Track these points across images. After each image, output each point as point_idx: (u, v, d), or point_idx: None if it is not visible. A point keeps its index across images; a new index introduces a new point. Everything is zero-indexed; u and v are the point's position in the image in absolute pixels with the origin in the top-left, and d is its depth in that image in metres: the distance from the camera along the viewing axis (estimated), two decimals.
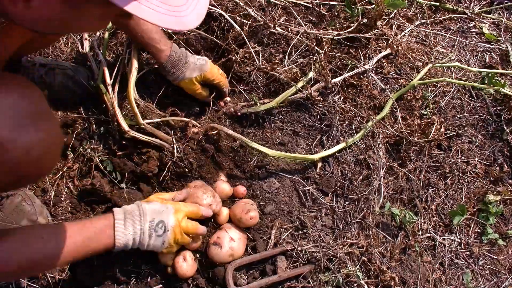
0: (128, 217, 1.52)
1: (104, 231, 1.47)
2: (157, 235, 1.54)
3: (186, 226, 1.60)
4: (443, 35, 2.43)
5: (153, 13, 0.99)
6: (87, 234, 1.43)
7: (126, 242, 1.50)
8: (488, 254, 1.93)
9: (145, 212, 1.54)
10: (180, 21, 1.04)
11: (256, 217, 1.77)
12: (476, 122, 2.17)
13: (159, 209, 1.57)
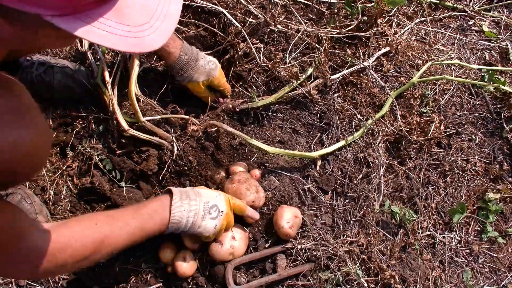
0: (184, 195, 1.53)
1: (157, 212, 1.48)
2: (211, 217, 1.56)
3: (232, 218, 1.65)
4: (443, 33, 2.43)
5: (108, 36, 0.91)
6: (141, 217, 1.43)
7: (180, 219, 1.50)
8: (488, 252, 1.93)
9: (200, 194, 1.57)
10: (141, 42, 0.95)
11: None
12: (476, 120, 2.17)
13: (213, 194, 1.61)
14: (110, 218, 1.38)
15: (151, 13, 0.98)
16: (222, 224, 1.60)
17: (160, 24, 0.99)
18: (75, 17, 0.88)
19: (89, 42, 2.11)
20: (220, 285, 1.71)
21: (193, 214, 1.53)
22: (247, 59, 2.11)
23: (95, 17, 0.90)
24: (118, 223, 1.38)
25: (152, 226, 1.46)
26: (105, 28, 0.91)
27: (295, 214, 1.79)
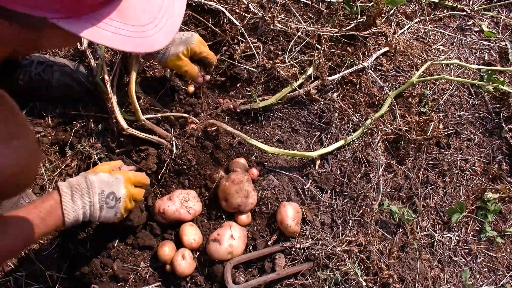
0: (75, 190, 1.44)
1: (50, 213, 1.39)
2: (109, 207, 1.49)
3: (133, 193, 1.57)
4: (442, 33, 2.43)
5: (113, 37, 0.92)
6: (34, 221, 1.35)
7: (76, 217, 1.43)
8: (487, 252, 1.93)
9: (93, 184, 1.46)
10: (145, 42, 0.96)
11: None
12: (475, 120, 2.17)
13: (108, 180, 1.51)
14: (4, 227, 1.31)
15: (155, 12, 0.98)
16: (121, 209, 1.52)
17: (165, 23, 0.99)
18: (81, 18, 0.88)
19: (88, 41, 2.11)
20: (219, 284, 1.71)
21: (88, 209, 1.45)
22: (246, 58, 2.10)
23: (100, 18, 0.91)
24: (13, 231, 1.31)
25: (47, 228, 1.38)
26: (109, 28, 0.92)
27: (296, 209, 1.80)
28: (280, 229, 1.80)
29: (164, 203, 1.76)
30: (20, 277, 1.73)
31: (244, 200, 1.77)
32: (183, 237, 1.73)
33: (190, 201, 1.79)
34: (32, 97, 2.00)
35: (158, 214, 1.76)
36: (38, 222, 1.35)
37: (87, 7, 0.88)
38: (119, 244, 1.77)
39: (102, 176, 1.50)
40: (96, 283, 1.69)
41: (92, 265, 1.70)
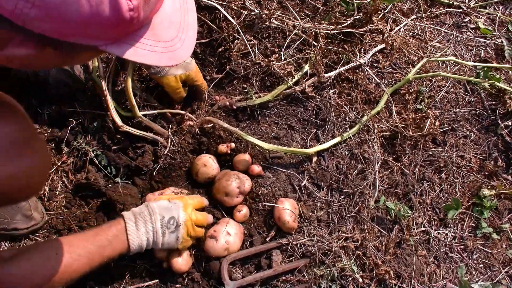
0: (138, 218, 1.54)
1: (117, 237, 1.48)
2: (170, 232, 1.57)
3: (196, 218, 1.63)
4: (438, 30, 2.43)
5: (150, 54, 1.00)
6: (100, 243, 1.44)
7: (140, 244, 1.52)
8: (482, 248, 1.94)
9: (154, 211, 1.56)
10: (174, 56, 1.05)
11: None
12: (471, 117, 2.18)
13: (167, 206, 1.59)
14: (69, 246, 1.38)
15: (177, 27, 1.06)
16: (183, 234, 1.59)
17: (186, 35, 1.08)
18: (122, 41, 0.95)
19: None
20: (216, 280, 1.71)
21: (152, 235, 1.54)
22: (242, 55, 2.10)
23: (137, 38, 0.97)
24: (78, 251, 1.39)
25: (111, 252, 1.47)
26: (146, 47, 0.99)
27: (293, 205, 1.81)
28: (277, 225, 1.80)
29: (154, 198, 1.77)
30: None
31: (239, 181, 1.79)
32: None
33: None
34: (28, 94, 1.99)
35: None
36: (105, 244, 1.45)
37: (131, 31, 0.95)
38: None
39: (162, 203, 1.60)
40: (92, 280, 1.69)
41: None
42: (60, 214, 1.83)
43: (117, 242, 1.48)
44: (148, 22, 1.00)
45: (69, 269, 1.35)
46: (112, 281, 1.71)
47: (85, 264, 1.40)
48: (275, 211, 1.79)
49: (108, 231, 1.49)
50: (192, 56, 2.01)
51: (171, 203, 1.61)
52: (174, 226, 1.57)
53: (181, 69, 1.90)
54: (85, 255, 1.40)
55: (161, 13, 1.02)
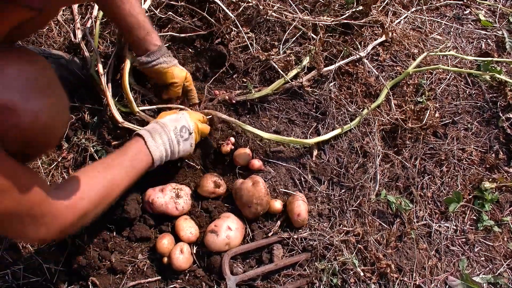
0: (153, 132, 1.60)
1: (140, 151, 1.55)
2: (184, 140, 1.66)
3: (202, 127, 1.76)
4: (439, 22, 2.41)
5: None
6: (130, 157, 1.51)
7: (161, 155, 1.60)
8: (484, 241, 1.93)
9: (165, 124, 1.64)
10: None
11: None
12: (472, 109, 2.17)
13: (176, 117, 1.68)
14: (106, 165, 1.45)
15: None
16: (196, 139, 1.71)
17: None
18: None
19: (82, 34, 2.09)
20: (217, 275, 1.71)
21: (169, 145, 1.61)
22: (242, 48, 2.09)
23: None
24: (115, 168, 1.45)
25: (141, 165, 1.54)
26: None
27: (304, 200, 1.83)
28: (292, 220, 1.81)
29: (155, 194, 1.77)
30: (18, 270, 1.73)
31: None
32: (179, 232, 1.73)
33: (181, 197, 1.79)
34: None
35: (146, 203, 1.77)
36: (133, 158, 1.52)
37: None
38: (116, 237, 1.77)
39: (171, 116, 1.69)
40: (94, 276, 1.69)
41: (90, 257, 1.70)
42: None
43: (142, 156, 1.55)
44: None
45: (114, 183, 1.42)
46: (113, 276, 1.71)
47: (124, 177, 1.47)
48: (292, 207, 1.79)
49: (131, 148, 1.55)
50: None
51: (178, 114, 1.70)
52: (187, 134, 1.67)
53: (177, 62, 1.88)
54: (122, 168, 1.47)
55: None
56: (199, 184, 1.85)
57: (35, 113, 1.06)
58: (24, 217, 1.15)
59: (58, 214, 1.24)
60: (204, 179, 1.84)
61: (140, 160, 1.53)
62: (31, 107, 1.05)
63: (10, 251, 1.77)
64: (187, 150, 1.70)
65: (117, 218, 1.76)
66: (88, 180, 1.35)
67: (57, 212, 1.23)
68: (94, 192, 1.35)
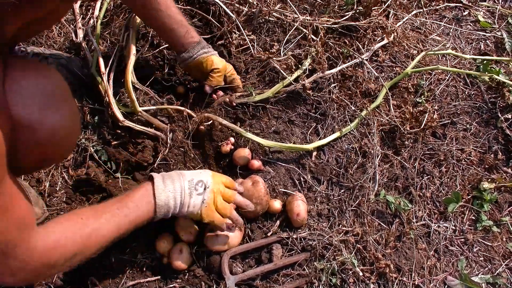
0: (166, 177, 1.49)
1: (143, 197, 1.43)
2: (198, 194, 1.52)
3: (224, 191, 1.59)
4: (438, 23, 2.42)
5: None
6: (125, 205, 1.40)
7: (167, 200, 1.46)
8: (483, 241, 1.94)
9: (183, 173, 1.54)
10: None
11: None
12: (471, 110, 2.17)
13: (197, 172, 1.58)
14: (95, 212, 1.35)
15: None
16: (210, 198, 1.54)
17: None
18: None
19: (83, 33, 2.10)
20: (216, 275, 1.72)
21: (179, 194, 1.49)
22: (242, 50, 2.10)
23: None
24: (104, 216, 1.35)
25: (139, 215, 1.42)
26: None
27: (303, 200, 1.83)
28: (291, 220, 1.81)
29: None
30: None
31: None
32: (179, 232, 1.73)
33: None
34: None
35: None
36: (130, 206, 1.40)
37: None
38: None
39: (191, 170, 1.61)
40: (93, 275, 1.69)
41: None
42: (61, 210, 1.83)
43: (143, 204, 1.43)
44: None
45: (97, 234, 1.31)
46: (113, 277, 1.72)
47: (113, 229, 1.35)
48: (292, 207, 1.80)
49: (133, 195, 1.43)
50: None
51: (199, 170, 1.60)
52: (202, 188, 1.52)
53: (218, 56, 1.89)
54: (111, 219, 1.35)
55: None
56: None
57: (52, 129, 1.05)
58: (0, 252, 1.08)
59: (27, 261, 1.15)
60: None
61: (138, 211, 1.41)
62: (49, 123, 1.04)
63: None
64: (197, 207, 1.52)
65: None
66: (68, 227, 1.27)
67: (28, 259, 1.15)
68: (71, 243, 1.25)
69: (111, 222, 1.35)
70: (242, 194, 1.72)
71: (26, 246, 1.13)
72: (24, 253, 1.13)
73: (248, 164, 1.88)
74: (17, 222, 1.09)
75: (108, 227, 1.34)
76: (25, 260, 1.13)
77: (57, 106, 1.08)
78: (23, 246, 1.12)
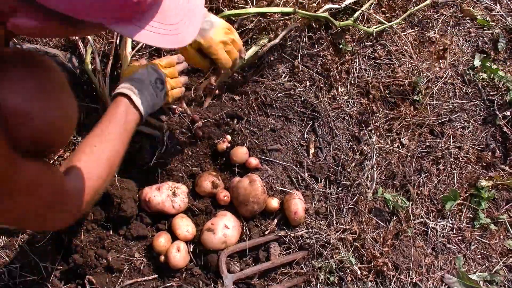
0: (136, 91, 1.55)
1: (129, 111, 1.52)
2: (160, 90, 1.64)
3: (170, 72, 1.71)
4: (436, 20, 2.41)
5: (156, 36, 1.04)
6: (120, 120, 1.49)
7: (147, 110, 1.58)
8: (480, 239, 1.94)
9: (142, 79, 1.60)
10: (177, 39, 1.09)
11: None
12: (469, 108, 2.17)
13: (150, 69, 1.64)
14: (100, 137, 1.44)
15: (185, 10, 1.11)
16: (167, 87, 1.67)
17: (191, 19, 1.13)
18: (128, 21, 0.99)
19: None
20: (214, 273, 1.71)
21: (151, 100, 1.59)
22: None
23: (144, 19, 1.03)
24: (110, 136, 1.44)
25: (131, 125, 1.52)
26: (151, 29, 1.03)
27: (301, 198, 1.82)
28: (289, 218, 1.81)
29: (151, 192, 1.76)
30: (14, 269, 1.72)
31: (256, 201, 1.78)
32: (176, 231, 1.73)
33: (178, 196, 1.78)
34: None
35: (143, 201, 1.77)
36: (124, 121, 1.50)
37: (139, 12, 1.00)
38: (113, 235, 1.77)
39: (139, 70, 1.63)
40: (90, 274, 1.69)
41: (87, 256, 1.69)
42: None
43: (131, 116, 1.52)
44: (158, 3, 1.04)
45: (114, 154, 1.42)
46: (110, 275, 1.71)
47: (121, 143, 1.46)
48: (289, 205, 1.79)
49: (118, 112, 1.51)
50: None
51: (145, 68, 1.64)
52: (161, 85, 1.64)
53: (198, 35, 1.66)
54: (116, 135, 1.45)
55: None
56: (197, 183, 1.84)
57: (52, 119, 1.06)
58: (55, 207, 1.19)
59: (76, 198, 1.27)
60: (201, 178, 1.84)
61: (130, 121, 1.52)
62: (48, 113, 1.05)
63: (6, 250, 1.77)
64: (163, 99, 1.67)
65: (113, 217, 1.75)
66: (88, 158, 1.36)
67: (75, 197, 1.27)
68: (99, 169, 1.36)
69: (117, 139, 1.45)
70: (239, 192, 1.76)
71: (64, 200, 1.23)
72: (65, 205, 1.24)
73: (245, 162, 1.88)
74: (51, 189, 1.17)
75: (118, 143, 1.45)
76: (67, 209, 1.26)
77: (55, 97, 1.09)
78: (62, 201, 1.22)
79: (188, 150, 1.87)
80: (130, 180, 1.85)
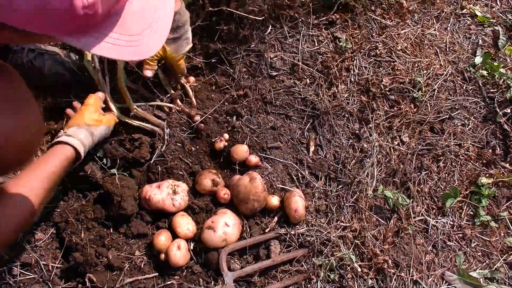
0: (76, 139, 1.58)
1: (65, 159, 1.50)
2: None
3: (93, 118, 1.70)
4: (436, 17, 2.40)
5: (114, 48, 0.99)
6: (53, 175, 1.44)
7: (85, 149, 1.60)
8: (480, 236, 1.94)
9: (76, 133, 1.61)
10: (138, 51, 1.05)
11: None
12: (469, 105, 2.17)
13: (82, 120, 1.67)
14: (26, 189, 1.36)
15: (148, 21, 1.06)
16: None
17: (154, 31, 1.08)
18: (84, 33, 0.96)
19: None
20: (214, 271, 1.72)
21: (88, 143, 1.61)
22: None
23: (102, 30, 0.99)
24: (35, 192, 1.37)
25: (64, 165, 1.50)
26: (110, 41, 0.99)
27: (301, 196, 1.82)
28: (289, 216, 1.81)
29: (152, 190, 1.77)
30: (15, 267, 1.72)
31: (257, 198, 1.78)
32: (176, 229, 1.73)
33: (178, 194, 1.78)
34: None
35: (143, 199, 1.77)
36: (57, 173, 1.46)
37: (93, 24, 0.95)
38: (113, 233, 1.77)
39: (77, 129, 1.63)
40: (91, 272, 1.69)
41: (87, 254, 1.69)
42: (57, 207, 1.82)
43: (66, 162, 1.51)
44: (118, 12, 0.99)
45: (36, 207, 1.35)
46: (110, 273, 1.71)
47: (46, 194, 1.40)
48: (290, 203, 1.79)
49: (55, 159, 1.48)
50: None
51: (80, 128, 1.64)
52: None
53: (173, 47, 1.81)
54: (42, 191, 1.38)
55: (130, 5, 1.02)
56: (197, 181, 1.84)
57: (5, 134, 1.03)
58: None
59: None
60: (202, 176, 1.84)
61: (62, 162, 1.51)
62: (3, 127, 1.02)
63: (7, 248, 1.76)
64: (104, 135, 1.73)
65: (114, 215, 1.75)
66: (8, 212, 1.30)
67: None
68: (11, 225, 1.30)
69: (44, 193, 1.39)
70: (239, 190, 1.77)
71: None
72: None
73: (245, 160, 1.88)
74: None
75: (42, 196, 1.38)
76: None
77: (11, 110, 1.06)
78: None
79: (188, 148, 1.87)
80: (129, 178, 1.85)
